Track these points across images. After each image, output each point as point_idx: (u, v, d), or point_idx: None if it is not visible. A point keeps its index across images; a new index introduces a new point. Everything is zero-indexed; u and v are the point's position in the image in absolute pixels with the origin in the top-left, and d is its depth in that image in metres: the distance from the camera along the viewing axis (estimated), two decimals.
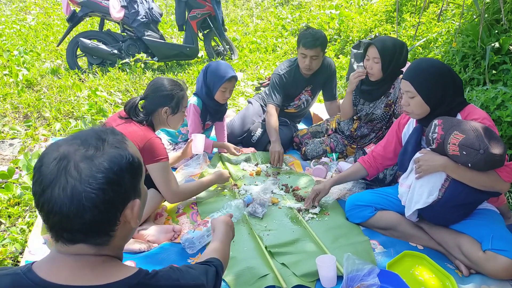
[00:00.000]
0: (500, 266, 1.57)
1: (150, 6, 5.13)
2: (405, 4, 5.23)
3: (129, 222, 0.82)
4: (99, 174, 0.74)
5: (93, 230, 0.77)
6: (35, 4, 8.54)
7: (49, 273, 0.76)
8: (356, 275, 1.55)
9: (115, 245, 0.82)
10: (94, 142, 0.78)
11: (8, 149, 3.07)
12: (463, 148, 1.55)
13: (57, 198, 0.73)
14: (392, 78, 2.49)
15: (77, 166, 0.74)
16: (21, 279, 0.75)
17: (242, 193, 2.39)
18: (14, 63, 4.83)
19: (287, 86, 3.02)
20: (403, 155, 1.91)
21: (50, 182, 0.73)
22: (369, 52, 2.44)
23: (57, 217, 0.74)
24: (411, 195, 1.80)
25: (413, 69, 1.81)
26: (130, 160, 0.80)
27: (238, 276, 1.69)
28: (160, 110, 2.05)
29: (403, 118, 2.05)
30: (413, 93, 1.77)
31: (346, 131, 2.84)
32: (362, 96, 2.64)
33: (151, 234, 1.94)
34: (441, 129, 1.65)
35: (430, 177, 1.72)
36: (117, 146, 0.80)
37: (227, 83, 2.64)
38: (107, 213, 0.76)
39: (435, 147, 1.68)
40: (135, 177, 0.82)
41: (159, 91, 2.05)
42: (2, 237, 2.05)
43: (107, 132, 0.82)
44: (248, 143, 3.09)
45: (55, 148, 0.78)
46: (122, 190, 0.78)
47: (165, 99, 2.05)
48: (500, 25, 2.90)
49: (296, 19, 7.11)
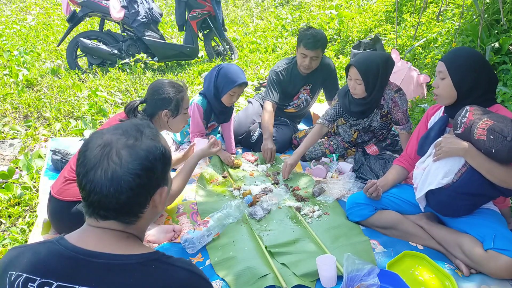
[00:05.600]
0: (502, 265, 1.57)
1: (150, 6, 5.14)
2: (405, 4, 5.23)
3: (157, 206, 0.91)
4: (136, 161, 0.84)
5: (125, 209, 0.86)
6: (35, 4, 8.54)
7: (79, 240, 0.85)
8: (356, 275, 1.55)
9: (140, 225, 0.91)
10: (134, 133, 0.88)
11: (8, 149, 3.07)
12: (491, 133, 1.56)
13: (98, 180, 0.82)
14: (380, 92, 2.38)
15: (119, 153, 0.84)
16: (55, 246, 0.84)
17: (242, 191, 2.39)
18: (14, 63, 4.84)
19: (285, 83, 3.02)
20: (425, 139, 1.91)
21: (94, 165, 0.83)
22: (350, 72, 2.32)
23: (97, 196, 0.83)
24: (425, 177, 1.80)
25: (452, 52, 1.83)
26: (163, 151, 0.90)
27: (238, 276, 1.69)
28: (160, 113, 2.04)
29: (432, 109, 2.05)
30: (445, 73, 1.79)
31: (346, 138, 2.83)
32: (355, 116, 2.56)
33: (151, 234, 1.94)
34: (471, 115, 1.65)
35: (448, 160, 1.72)
36: (152, 138, 0.89)
37: (237, 88, 2.64)
38: (139, 196, 0.86)
39: (461, 132, 1.68)
40: (166, 166, 0.92)
41: (158, 94, 2.04)
42: (2, 237, 2.05)
43: (144, 125, 0.92)
44: (248, 143, 3.10)
45: (99, 135, 0.88)
46: (154, 177, 0.88)
47: (164, 102, 2.04)
48: (499, 25, 2.91)
49: (296, 19, 7.11)
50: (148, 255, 0.85)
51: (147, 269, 0.82)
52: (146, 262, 0.83)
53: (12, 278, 0.80)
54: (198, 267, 0.90)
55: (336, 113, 2.62)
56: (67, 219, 1.87)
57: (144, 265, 0.82)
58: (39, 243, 0.87)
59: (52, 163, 2.64)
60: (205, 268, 1.78)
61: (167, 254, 0.88)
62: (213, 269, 1.75)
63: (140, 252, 0.86)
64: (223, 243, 1.92)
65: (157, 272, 0.82)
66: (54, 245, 0.84)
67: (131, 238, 0.89)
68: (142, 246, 0.90)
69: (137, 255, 0.84)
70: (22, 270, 0.81)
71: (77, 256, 0.81)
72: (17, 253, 0.85)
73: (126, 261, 0.82)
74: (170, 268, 0.84)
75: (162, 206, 0.93)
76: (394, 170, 2.11)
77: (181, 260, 0.88)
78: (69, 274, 0.79)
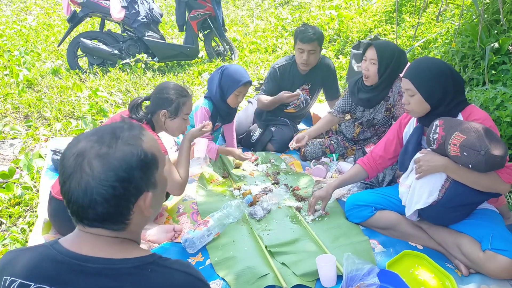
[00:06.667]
0: (500, 265, 1.57)
1: (151, 6, 5.14)
2: (405, 5, 5.23)
3: (143, 211, 0.87)
4: (109, 172, 0.79)
5: (107, 219, 0.83)
6: (35, 5, 8.54)
7: (73, 244, 0.83)
8: (356, 274, 1.55)
9: (132, 229, 0.88)
10: (108, 140, 0.82)
11: (9, 149, 3.07)
12: (464, 149, 1.55)
13: (73, 191, 0.80)
14: (389, 82, 2.48)
15: (90, 163, 0.80)
16: (49, 250, 0.83)
17: (242, 191, 2.40)
18: (14, 63, 4.84)
19: (283, 80, 3.05)
20: (404, 155, 1.91)
21: (69, 175, 0.81)
22: (367, 53, 2.44)
23: (75, 206, 0.82)
24: (411, 195, 1.80)
25: (413, 67, 1.81)
26: (142, 157, 0.83)
27: (238, 275, 1.69)
28: (159, 112, 2.04)
29: (404, 118, 2.05)
30: (413, 91, 1.78)
31: (348, 135, 2.85)
32: (361, 103, 2.62)
33: (151, 234, 1.95)
34: (442, 130, 1.65)
35: (430, 177, 1.72)
36: (130, 143, 0.83)
37: (242, 87, 2.64)
38: (118, 206, 0.82)
39: (436, 147, 1.69)
40: (147, 171, 0.85)
41: (162, 93, 2.05)
42: (3, 237, 2.06)
43: (123, 128, 0.86)
44: (248, 143, 3.10)
45: (75, 143, 0.84)
46: (132, 185, 0.82)
47: (165, 101, 2.04)
48: (499, 26, 2.91)
49: (296, 19, 7.11)
50: (144, 258, 0.84)
51: (144, 273, 0.81)
52: (142, 265, 0.82)
53: (7, 283, 0.80)
54: (195, 269, 0.89)
55: (345, 103, 2.69)
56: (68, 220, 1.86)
57: (140, 269, 0.81)
58: (33, 247, 0.86)
59: (53, 163, 2.65)
60: (205, 267, 1.78)
61: (164, 256, 0.87)
62: (213, 269, 1.76)
63: (135, 256, 0.84)
64: (223, 243, 1.92)
65: (154, 275, 0.81)
66: (48, 250, 0.83)
67: (125, 242, 0.86)
68: (137, 249, 0.87)
69: (132, 258, 0.83)
70: (16, 275, 0.80)
71: (71, 261, 0.80)
72: (11, 258, 0.85)
73: (121, 265, 0.81)
74: (167, 271, 0.83)
75: (148, 211, 0.88)
76: (353, 170, 2.14)
77: (178, 263, 0.86)
78: (63, 280, 0.79)
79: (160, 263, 0.84)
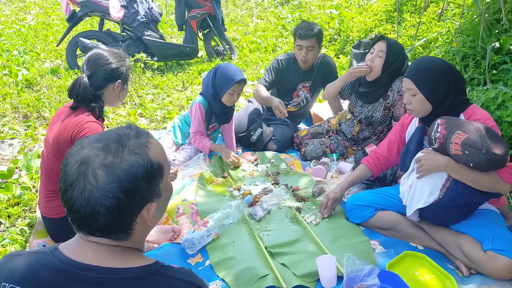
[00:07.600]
0: (500, 266, 1.57)
1: (150, 6, 5.13)
2: (405, 4, 5.22)
3: (146, 222, 0.85)
4: (114, 183, 0.77)
5: (109, 230, 0.81)
6: (34, 4, 8.53)
7: (74, 253, 0.81)
8: (356, 275, 1.55)
9: (134, 239, 0.85)
10: (114, 148, 0.80)
11: (8, 149, 3.06)
12: (465, 148, 1.55)
13: (76, 199, 0.78)
14: (389, 80, 2.50)
15: (95, 173, 0.77)
16: (49, 257, 0.81)
17: (242, 191, 2.39)
18: (13, 63, 4.83)
19: (284, 73, 3.06)
20: (405, 154, 1.91)
21: (71, 183, 0.78)
22: (377, 45, 2.45)
23: (76, 215, 0.79)
24: (412, 195, 1.80)
25: (415, 66, 1.81)
26: (148, 167, 0.81)
27: (238, 276, 1.68)
28: (111, 85, 1.89)
29: (407, 118, 2.05)
30: (415, 90, 1.78)
31: (348, 134, 2.84)
32: (359, 97, 2.65)
33: (150, 234, 1.93)
34: (443, 129, 1.64)
35: (431, 176, 1.72)
36: (136, 152, 0.81)
37: (236, 86, 2.62)
38: (121, 217, 0.80)
39: (437, 146, 1.68)
40: (153, 181, 0.83)
41: (102, 65, 1.86)
42: (2, 237, 2.05)
43: (129, 135, 0.83)
44: (248, 143, 3.09)
45: (78, 149, 0.81)
46: (137, 197, 0.80)
47: (113, 72, 1.87)
48: (500, 25, 2.90)
49: (296, 18, 7.10)
50: (147, 267, 0.82)
51: (146, 284, 0.80)
52: (144, 276, 0.80)
53: None
54: (199, 277, 0.88)
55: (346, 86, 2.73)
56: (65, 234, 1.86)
57: (143, 279, 0.80)
58: (33, 253, 0.85)
59: None
60: (204, 268, 1.77)
61: (164, 256, 0.86)
62: (213, 270, 1.75)
63: (138, 265, 0.82)
64: (223, 244, 1.91)
65: (156, 285, 0.80)
66: (49, 257, 0.81)
67: (127, 251, 0.84)
68: (140, 258, 0.86)
69: (135, 268, 0.81)
70: (15, 282, 0.79)
71: (71, 270, 0.79)
72: (10, 263, 0.83)
73: (123, 275, 0.79)
74: (169, 281, 0.82)
75: (152, 221, 0.86)
76: (359, 170, 2.15)
77: (181, 271, 0.85)
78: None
79: (162, 273, 0.83)
